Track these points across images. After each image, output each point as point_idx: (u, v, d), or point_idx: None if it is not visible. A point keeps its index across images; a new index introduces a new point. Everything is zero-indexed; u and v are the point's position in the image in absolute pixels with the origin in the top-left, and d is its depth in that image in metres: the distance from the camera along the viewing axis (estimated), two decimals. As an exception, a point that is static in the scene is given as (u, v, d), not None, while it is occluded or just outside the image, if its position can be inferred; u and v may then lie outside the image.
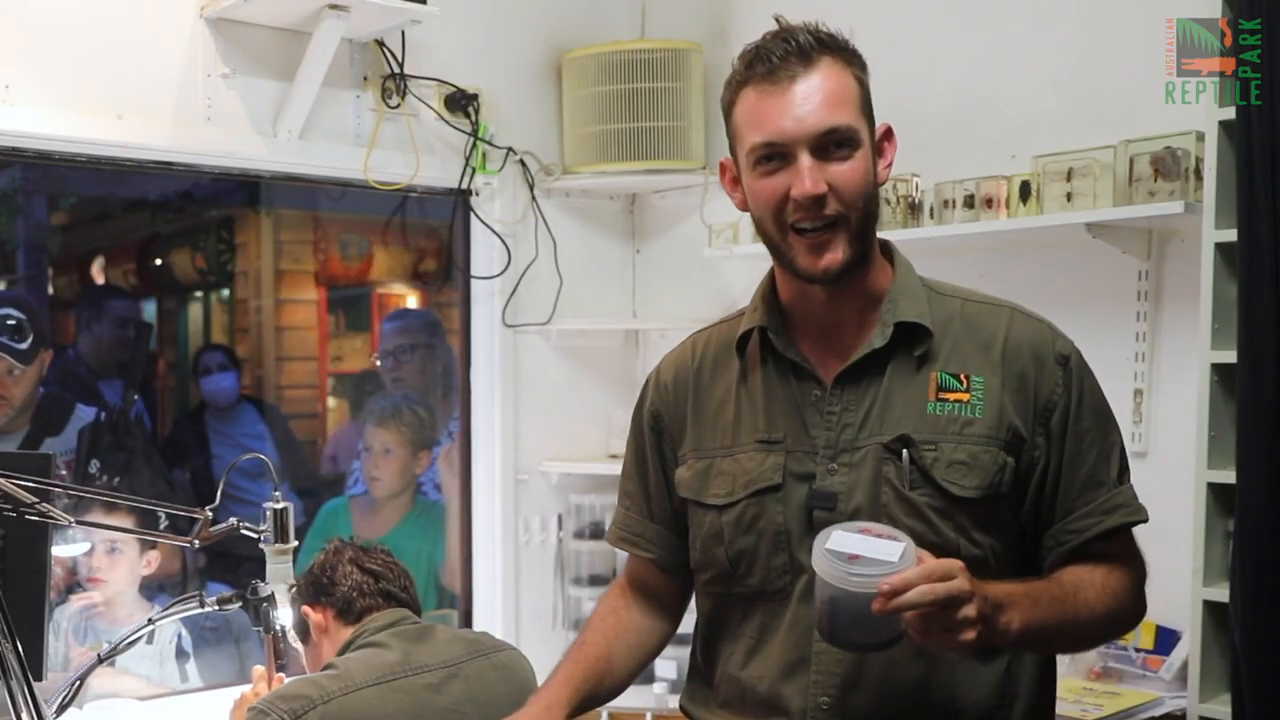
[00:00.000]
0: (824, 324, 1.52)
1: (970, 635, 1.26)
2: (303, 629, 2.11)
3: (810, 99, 1.41)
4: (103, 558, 2.93)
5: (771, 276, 1.58)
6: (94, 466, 3.20)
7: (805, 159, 1.41)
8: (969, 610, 1.25)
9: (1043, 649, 1.50)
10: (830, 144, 1.42)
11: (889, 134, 1.51)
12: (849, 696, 1.45)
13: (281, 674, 2.05)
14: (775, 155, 1.43)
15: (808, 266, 1.45)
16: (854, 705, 1.45)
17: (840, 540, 1.28)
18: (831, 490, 1.46)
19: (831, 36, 1.46)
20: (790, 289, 1.54)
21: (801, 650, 1.47)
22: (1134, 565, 1.52)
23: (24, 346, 3.08)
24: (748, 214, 1.55)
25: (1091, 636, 1.55)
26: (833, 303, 1.51)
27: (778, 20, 1.49)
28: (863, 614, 1.25)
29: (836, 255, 1.44)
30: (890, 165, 1.52)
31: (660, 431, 1.64)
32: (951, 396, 1.47)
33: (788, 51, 1.43)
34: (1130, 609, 1.52)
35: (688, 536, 1.62)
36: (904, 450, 1.45)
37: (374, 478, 3.64)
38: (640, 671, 1.69)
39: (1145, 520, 1.52)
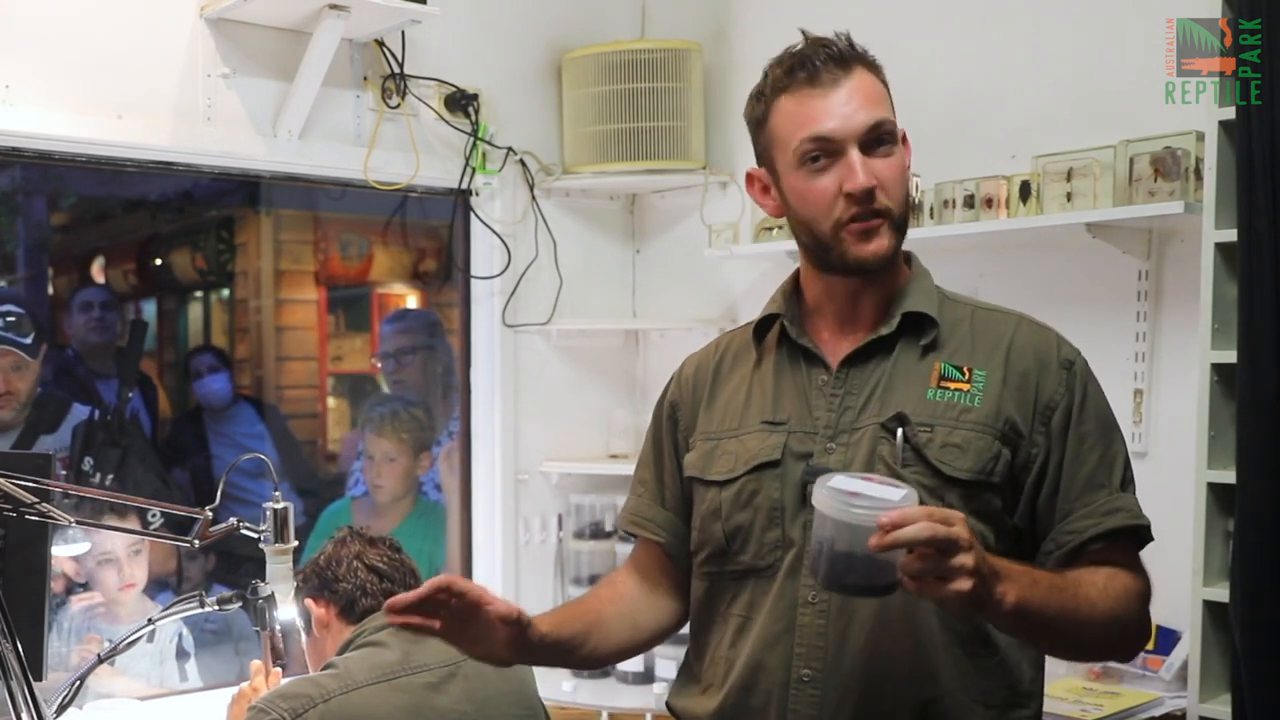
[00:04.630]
0: (842, 317, 1.57)
1: (965, 585, 1.23)
2: (305, 620, 2.11)
3: (854, 98, 1.48)
4: (96, 569, 2.94)
5: (795, 275, 1.63)
6: (88, 464, 3.21)
7: (855, 154, 1.47)
8: (966, 559, 1.23)
9: (1038, 636, 1.45)
10: (875, 140, 1.48)
11: (904, 138, 1.56)
12: (831, 671, 1.46)
13: (279, 669, 2.05)
14: (823, 154, 1.48)
15: (858, 254, 1.49)
16: (836, 680, 1.46)
17: (843, 482, 1.28)
18: (827, 466, 1.49)
19: (857, 46, 1.53)
20: (817, 286, 1.58)
21: (786, 622, 1.49)
22: (1137, 576, 1.49)
23: (29, 341, 3.13)
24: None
25: (1092, 637, 1.47)
26: (856, 297, 1.55)
27: (804, 33, 1.55)
28: (859, 552, 1.23)
29: (883, 242, 1.49)
30: (909, 168, 1.57)
31: (676, 421, 1.68)
32: (952, 385, 1.50)
33: (829, 56, 1.49)
34: (1135, 617, 1.48)
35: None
36: (899, 429, 1.47)
37: (377, 484, 3.65)
38: (628, 647, 1.68)
39: (1147, 526, 1.50)
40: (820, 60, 1.48)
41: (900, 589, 1.25)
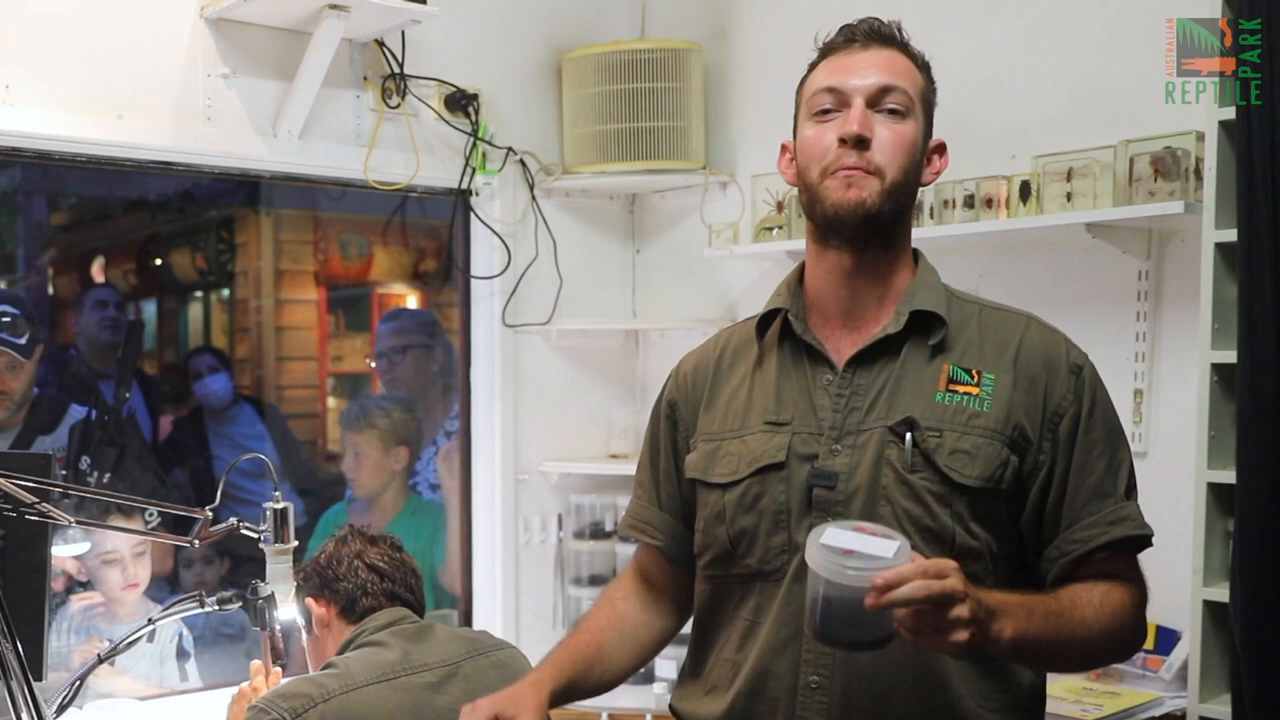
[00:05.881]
0: (844, 310, 1.55)
1: (962, 636, 1.25)
2: (305, 619, 2.11)
3: (877, 63, 1.52)
4: (100, 569, 2.94)
5: (800, 269, 1.62)
6: (85, 463, 3.22)
7: (859, 104, 1.50)
8: (962, 610, 1.25)
9: (1035, 662, 1.50)
10: (884, 103, 1.50)
11: (942, 148, 1.59)
12: (839, 676, 1.46)
13: (279, 669, 2.05)
14: (832, 106, 1.52)
15: (836, 199, 1.49)
16: (845, 686, 1.46)
17: (835, 536, 1.28)
18: (833, 470, 1.48)
19: (907, 38, 1.57)
20: (818, 272, 1.57)
21: (793, 628, 1.48)
22: (1135, 586, 1.51)
23: (23, 341, 3.13)
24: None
25: (1087, 655, 1.52)
26: (854, 285, 1.54)
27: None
28: (855, 610, 1.24)
29: (862, 194, 1.48)
30: (937, 175, 1.59)
31: (675, 421, 1.67)
32: (961, 389, 1.49)
33: (871, 30, 1.54)
34: (1130, 631, 1.50)
35: (694, 526, 1.64)
36: (908, 433, 1.46)
37: (353, 480, 3.71)
38: (636, 665, 1.68)
39: (1150, 537, 1.50)
40: (862, 31, 1.54)
41: (898, 638, 1.27)
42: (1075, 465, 1.48)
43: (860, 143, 1.47)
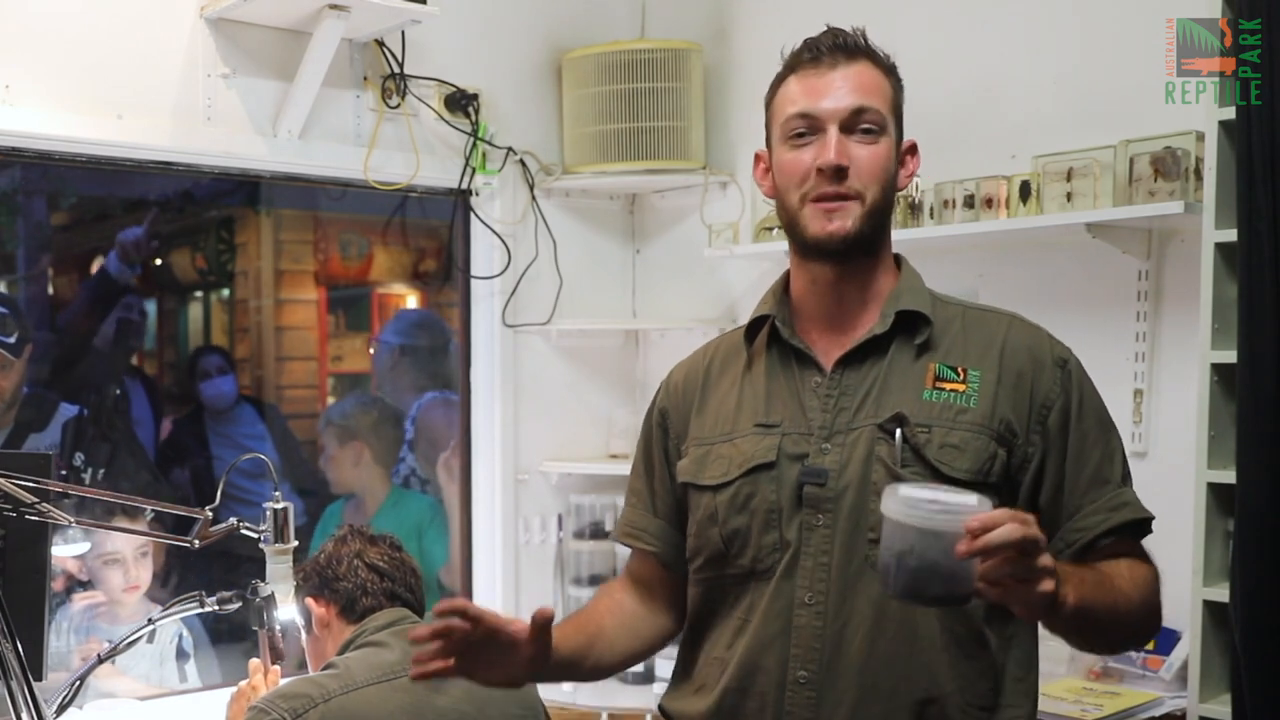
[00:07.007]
0: (830, 316, 1.57)
1: (1050, 586, 1.22)
2: (305, 619, 2.11)
3: (848, 83, 1.52)
4: (101, 569, 2.94)
5: (786, 275, 1.64)
6: (79, 460, 3.22)
7: (833, 132, 1.50)
8: (1047, 560, 1.22)
9: (1088, 634, 1.45)
10: (858, 125, 1.51)
11: (913, 149, 1.61)
12: (828, 673, 1.46)
13: (278, 667, 2.05)
14: (806, 130, 1.52)
15: (818, 231, 1.51)
16: (832, 682, 1.46)
17: (914, 491, 1.23)
18: (823, 467, 1.49)
19: (872, 44, 1.57)
20: (802, 282, 1.59)
21: (782, 622, 1.49)
22: (1149, 564, 1.52)
23: (12, 340, 3.12)
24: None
25: (1128, 626, 1.48)
26: (839, 294, 1.56)
27: (828, 25, 1.58)
28: (940, 560, 1.18)
29: (845, 224, 1.50)
30: (911, 176, 1.61)
31: (667, 429, 1.69)
32: (948, 386, 1.51)
33: (835, 44, 1.54)
34: (1156, 607, 1.50)
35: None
36: (898, 430, 1.47)
37: (332, 479, 3.88)
38: (631, 656, 1.69)
39: (1151, 520, 1.51)
40: (826, 46, 1.54)
41: (977, 597, 1.23)
42: (1071, 456, 1.49)
43: (839, 172, 1.49)
